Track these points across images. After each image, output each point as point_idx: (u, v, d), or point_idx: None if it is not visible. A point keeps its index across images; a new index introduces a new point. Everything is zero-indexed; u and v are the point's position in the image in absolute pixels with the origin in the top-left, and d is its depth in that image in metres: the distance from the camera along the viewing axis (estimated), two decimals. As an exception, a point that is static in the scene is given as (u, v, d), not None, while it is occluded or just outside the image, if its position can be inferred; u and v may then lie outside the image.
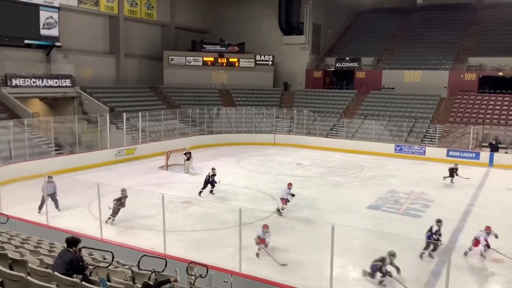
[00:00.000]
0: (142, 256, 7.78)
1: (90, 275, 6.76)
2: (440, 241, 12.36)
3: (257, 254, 12.11)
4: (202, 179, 18.91)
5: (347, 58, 40.95)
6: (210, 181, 18.60)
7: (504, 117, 31.07)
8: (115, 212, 14.54)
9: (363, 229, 14.62)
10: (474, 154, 27.96)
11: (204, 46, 41.07)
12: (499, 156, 27.20)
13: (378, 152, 30.03)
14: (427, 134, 31.46)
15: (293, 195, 16.39)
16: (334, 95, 39.46)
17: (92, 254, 9.03)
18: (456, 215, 16.63)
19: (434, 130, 31.56)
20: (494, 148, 27.81)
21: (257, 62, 41.32)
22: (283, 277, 10.47)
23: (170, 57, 39.57)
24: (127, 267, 8.16)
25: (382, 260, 10.14)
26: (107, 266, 7.53)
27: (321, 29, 44.31)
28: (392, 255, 10.14)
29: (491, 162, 27.06)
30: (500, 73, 35.30)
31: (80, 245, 6.84)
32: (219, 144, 32.27)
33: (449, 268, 8.26)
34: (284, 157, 28.64)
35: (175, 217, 15.17)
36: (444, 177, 21.91)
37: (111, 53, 36.90)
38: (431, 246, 12.22)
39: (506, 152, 27.65)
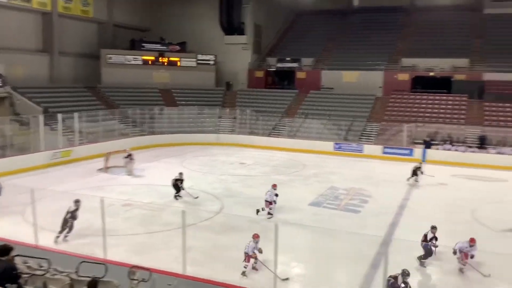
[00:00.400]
0: (81, 262, 7.50)
1: (25, 284, 6.43)
2: (436, 246, 12.10)
3: (244, 272, 11.02)
4: (144, 181, 18.55)
5: (288, 59, 41.68)
6: (177, 185, 18.05)
7: (435, 115, 32.88)
8: (69, 227, 12.98)
9: (305, 226, 14.97)
10: (408, 151, 29.42)
11: (143, 44, 40.18)
12: (431, 152, 28.79)
13: (318, 150, 30.79)
14: (364, 132, 32.68)
15: (276, 195, 16.18)
16: (275, 94, 39.99)
17: (27, 262, 8.56)
18: (392, 209, 17.38)
19: (370, 128, 32.84)
20: (427, 145, 29.43)
21: (199, 62, 41.04)
22: (228, 277, 10.48)
23: (108, 56, 38.36)
24: (65, 274, 7.82)
25: (395, 277, 9.78)
26: (44, 274, 7.19)
27: (262, 29, 44.77)
28: (406, 274, 9.59)
29: (424, 158, 28.58)
30: (432, 73, 37.38)
31: (13, 253, 6.48)
32: (161, 144, 31.72)
33: (387, 261, 8.62)
34: (227, 157, 28.66)
35: (116, 221, 14.73)
36: (408, 178, 22.07)
37: (44, 51, 35.13)
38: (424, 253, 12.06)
39: (437, 149, 29.30)
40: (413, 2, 46.20)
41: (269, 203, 15.95)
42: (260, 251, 11.00)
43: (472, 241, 11.63)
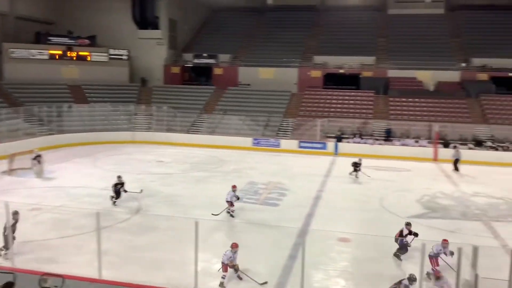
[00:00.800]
0: (-16, 274, 6.89)
1: None
2: (408, 244, 11.90)
3: (222, 283, 10.38)
4: (54, 183, 17.43)
5: (205, 55, 41.48)
6: (116, 190, 16.94)
7: (346, 110, 34.59)
8: (7, 242, 11.26)
9: (225, 222, 15.05)
10: (322, 145, 30.70)
11: (50, 38, 37.75)
12: (342, 146, 30.28)
13: (238, 146, 31.06)
14: (281, 128, 33.52)
15: (238, 198, 15.74)
16: (193, 91, 39.63)
17: None
18: (308, 201, 18.04)
19: (287, 123, 33.77)
20: (339, 138, 30.91)
21: (111, 57, 39.38)
22: (146, 278, 10.23)
23: (10, 50, 35.55)
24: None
25: (399, 282, 9.33)
26: None
27: (177, 24, 44.06)
28: (413, 279, 9.01)
29: (336, 151, 29.98)
30: (341, 71, 39.28)
31: None
32: (72, 144, 30.02)
33: (304, 252, 8.93)
34: (144, 155, 27.89)
35: (25, 227, 13.71)
36: (350, 173, 22.57)
37: None
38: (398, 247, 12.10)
39: (348, 142, 30.88)
40: (323, 2, 48.20)
41: (230, 203, 15.67)
42: (234, 265, 10.48)
43: (445, 241, 10.97)
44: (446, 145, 29.43)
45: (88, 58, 38.71)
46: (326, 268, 11.56)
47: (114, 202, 16.88)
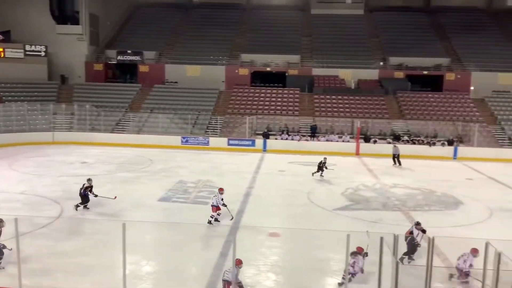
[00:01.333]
0: None
1: None
2: (419, 244, 11.75)
3: None
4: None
5: (129, 51, 40.28)
6: (84, 194, 15.80)
7: (273, 107, 35.23)
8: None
9: (154, 222, 14.76)
10: (250, 142, 31.02)
11: (-44, 32, 34.72)
12: (270, 142, 30.82)
13: (166, 145, 30.51)
14: (209, 125, 33.42)
15: (224, 205, 14.88)
16: (117, 89, 38.33)
17: None
18: (238, 197, 18.17)
19: (215, 121, 33.72)
20: (266, 135, 31.42)
21: (27, 53, 36.98)
22: (71, 284, 9.77)
23: None
24: None
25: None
26: None
27: (99, 19, 42.34)
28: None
29: (264, 148, 30.45)
30: (268, 69, 39.93)
31: None
32: (-16, 146, 27.88)
33: (235, 248, 8.98)
34: (66, 156, 26.52)
35: None
36: (313, 173, 22.34)
37: None
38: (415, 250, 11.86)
39: (276, 139, 31.48)
40: (249, 1, 48.68)
41: (215, 207, 15.00)
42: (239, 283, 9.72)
43: (474, 251, 10.30)
44: (367, 140, 30.98)
45: (2, 55, 36.04)
46: (257, 263, 11.72)
47: (85, 206, 15.86)
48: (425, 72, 39.23)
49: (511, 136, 31.45)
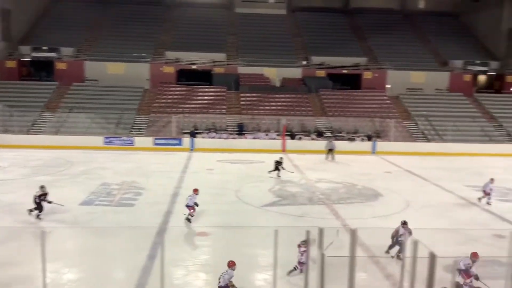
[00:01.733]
0: None
1: None
2: (401, 241, 11.69)
3: None
4: None
5: (45, 48, 38.09)
6: (39, 201, 14.44)
7: (200, 106, 34.97)
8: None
9: (76, 228, 14.08)
10: (177, 141, 30.58)
11: None
12: (198, 141, 30.59)
13: (87, 146, 29.16)
14: (134, 125, 32.47)
15: (196, 204, 14.52)
16: (32, 87, 36.07)
17: None
18: (166, 198, 17.82)
19: (140, 120, 32.84)
20: (194, 134, 31.13)
21: None
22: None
23: None
24: None
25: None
26: None
27: (11, 14, 39.47)
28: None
29: (192, 147, 30.15)
30: (194, 67, 39.57)
31: None
32: None
33: (163, 250, 8.80)
34: (-26, 161, 24.48)
35: None
36: (269, 171, 22.19)
37: None
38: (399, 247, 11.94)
39: (203, 137, 31.29)
40: (172, -3, 47.89)
41: (190, 207, 14.53)
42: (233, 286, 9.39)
43: (475, 255, 9.69)
44: (292, 137, 31.77)
45: None
46: (186, 264, 11.59)
47: (38, 215, 14.62)
48: (345, 71, 40.96)
49: (424, 131, 33.78)
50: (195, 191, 15.04)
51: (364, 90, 39.60)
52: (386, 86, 40.08)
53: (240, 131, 32.39)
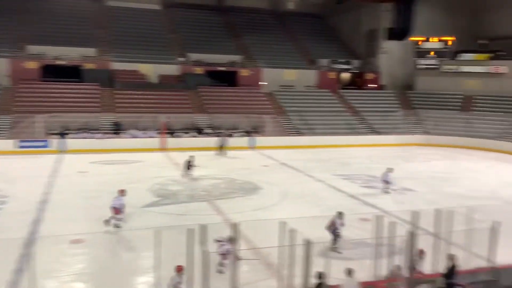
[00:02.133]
0: None
1: None
2: (338, 232, 12.22)
3: None
4: None
5: None
6: None
7: (70, 104, 32.59)
8: None
9: None
10: (44, 143, 28.24)
11: None
12: (69, 142, 28.54)
13: None
14: (-7, 127, 29.16)
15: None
16: None
17: None
18: (33, 206, 16.32)
19: (1, 121, 29.60)
20: (63, 135, 28.98)
21: None
22: None
23: None
24: None
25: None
26: None
27: None
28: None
29: (61, 149, 28.02)
30: (61, 62, 36.71)
31: None
32: None
33: (34, 262, 8.06)
34: None
35: None
36: (182, 174, 21.32)
37: None
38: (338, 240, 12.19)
39: (74, 138, 29.28)
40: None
41: (117, 210, 13.29)
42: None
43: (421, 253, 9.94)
44: (172, 134, 31.33)
45: None
46: (60, 274, 10.76)
47: None
48: (222, 68, 41.49)
49: (297, 125, 35.76)
50: (121, 192, 14.35)
51: (241, 87, 40.56)
52: (262, 83, 41.52)
53: (116, 130, 30.97)
